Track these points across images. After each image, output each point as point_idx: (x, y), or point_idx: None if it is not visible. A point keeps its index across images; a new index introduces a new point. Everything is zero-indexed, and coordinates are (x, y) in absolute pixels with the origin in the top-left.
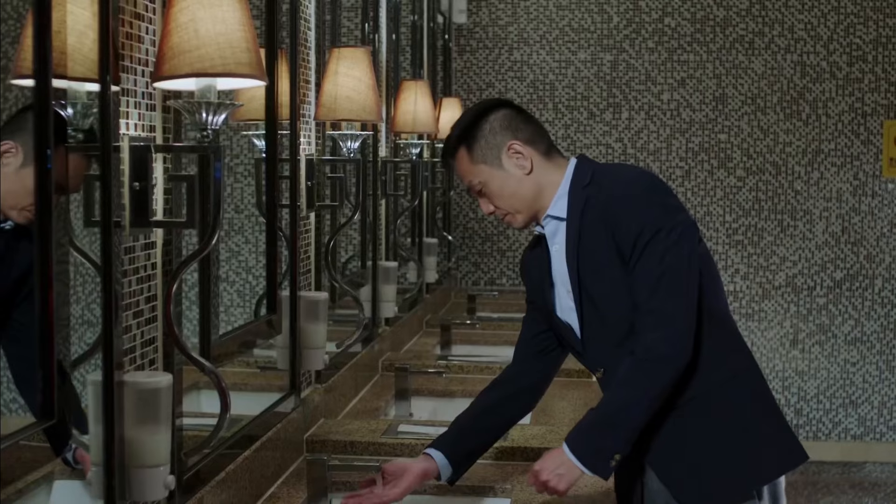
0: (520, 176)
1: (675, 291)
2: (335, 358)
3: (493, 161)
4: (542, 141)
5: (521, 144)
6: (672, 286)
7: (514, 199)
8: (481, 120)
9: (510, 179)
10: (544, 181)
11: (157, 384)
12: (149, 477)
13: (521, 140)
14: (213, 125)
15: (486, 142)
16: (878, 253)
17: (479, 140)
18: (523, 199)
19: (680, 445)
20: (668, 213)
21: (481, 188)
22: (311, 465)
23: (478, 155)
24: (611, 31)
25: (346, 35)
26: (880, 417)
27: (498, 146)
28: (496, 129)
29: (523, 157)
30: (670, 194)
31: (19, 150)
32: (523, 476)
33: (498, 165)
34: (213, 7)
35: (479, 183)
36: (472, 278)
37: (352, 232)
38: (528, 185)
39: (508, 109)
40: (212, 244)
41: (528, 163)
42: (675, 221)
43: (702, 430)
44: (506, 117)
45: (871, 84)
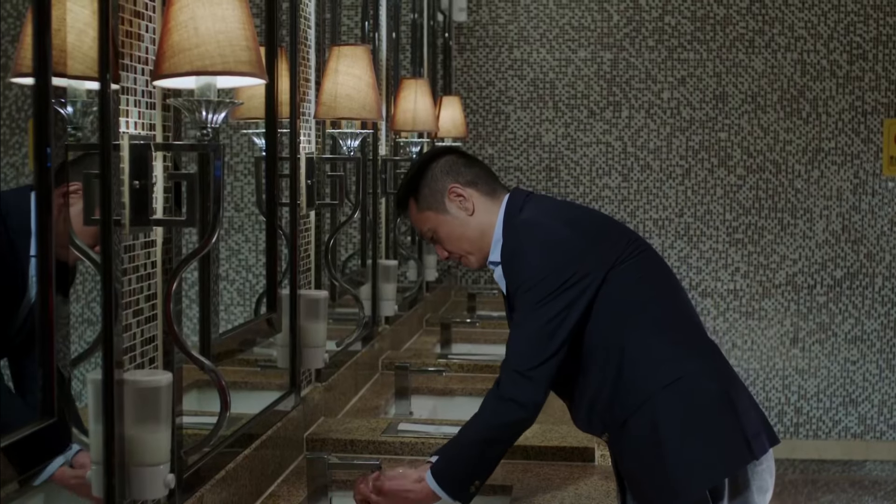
0: (463, 218)
1: (535, 347)
2: (335, 356)
3: (438, 206)
4: (484, 182)
5: (461, 187)
6: (533, 341)
7: (462, 241)
8: (425, 169)
9: (455, 222)
10: (487, 221)
11: (157, 383)
12: (149, 475)
13: (462, 183)
14: (212, 123)
15: (429, 189)
16: (879, 251)
17: (423, 188)
18: (471, 241)
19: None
20: (545, 269)
21: (432, 235)
22: (311, 464)
23: (423, 203)
24: (611, 30)
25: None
26: (880, 416)
27: (440, 191)
28: (437, 175)
29: (464, 199)
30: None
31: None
32: (522, 475)
33: (442, 210)
34: (212, 5)
35: (429, 230)
36: (472, 277)
37: (352, 230)
38: (473, 227)
39: (451, 156)
40: (212, 243)
41: (470, 204)
42: (552, 276)
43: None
44: (447, 163)
45: (871, 82)
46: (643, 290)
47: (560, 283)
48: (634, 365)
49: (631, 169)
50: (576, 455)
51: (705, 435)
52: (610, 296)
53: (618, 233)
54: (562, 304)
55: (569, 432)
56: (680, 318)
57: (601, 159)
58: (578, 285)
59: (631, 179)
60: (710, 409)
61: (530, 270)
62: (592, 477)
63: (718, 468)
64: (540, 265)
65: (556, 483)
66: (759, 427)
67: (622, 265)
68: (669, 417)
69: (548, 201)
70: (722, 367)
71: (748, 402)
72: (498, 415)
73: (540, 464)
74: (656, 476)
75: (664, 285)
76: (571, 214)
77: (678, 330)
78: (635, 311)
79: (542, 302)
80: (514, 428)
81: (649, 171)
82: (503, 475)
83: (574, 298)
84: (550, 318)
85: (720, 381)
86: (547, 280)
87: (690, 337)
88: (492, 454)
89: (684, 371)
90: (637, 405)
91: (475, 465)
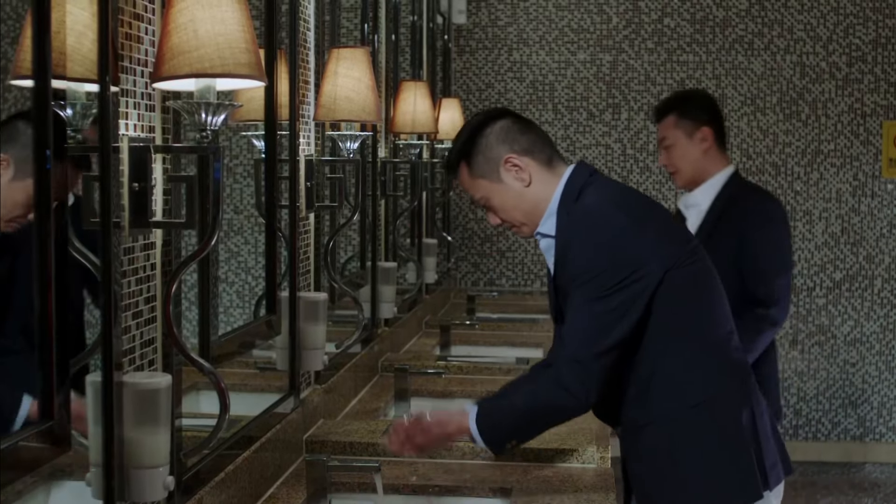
0: (519, 189)
1: (594, 338)
2: (334, 359)
3: (492, 175)
4: (542, 150)
5: (517, 157)
6: (592, 332)
7: (516, 211)
8: (478, 134)
9: (510, 193)
10: (543, 194)
11: (156, 385)
12: (148, 477)
13: (518, 152)
14: (212, 126)
15: (483, 157)
16: (878, 253)
17: (477, 155)
18: (525, 212)
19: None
20: (610, 260)
21: (485, 203)
22: (311, 466)
23: (476, 170)
24: (610, 32)
25: (345, 35)
26: (880, 418)
27: (495, 160)
28: (492, 143)
29: (521, 169)
30: (626, 234)
31: (10, 162)
32: (521, 477)
33: (497, 179)
34: (212, 7)
35: (482, 197)
36: (471, 279)
37: (351, 232)
38: (529, 198)
39: (506, 120)
40: (211, 245)
41: (527, 175)
42: (617, 268)
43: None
44: (502, 129)
45: (870, 84)
46: (691, 299)
47: (620, 279)
48: (666, 376)
49: (630, 171)
50: (575, 457)
51: (723, 463)
52: (659, 298)
53: (680, 234)
54: (620, 300)
55: (568, 434)
56: (719, 333)
57: (600, 161)
58: (639, 283)
59: (630, 181)
60: (733, 438)
61: (589, 262)
62: (591, 479)
63: (731, 499)
64: (599, 258)
65: (556, 485)
66: (776, 457)
67: (678, 269)
68: (690, 439)
69: (611, 186)
70: (751, 391)
71: (770, 429)
72: (551, 398)
73: (539, 465)
74: (666, 491)
75: (711, 298)
76: (636, 205)
77: (715, 346)
78: (679, 321)
79: (601, 296)
80: (564, 414)
81: (648, 174)
82: (502, 477)
83: (634, 295)
84: (608, 311)
85: (747, 408)
86: (605, 274)
87: (726, 355)
88: (535, 428)
89: (714, 394)
90: (659, 417)
91: (516, 430)
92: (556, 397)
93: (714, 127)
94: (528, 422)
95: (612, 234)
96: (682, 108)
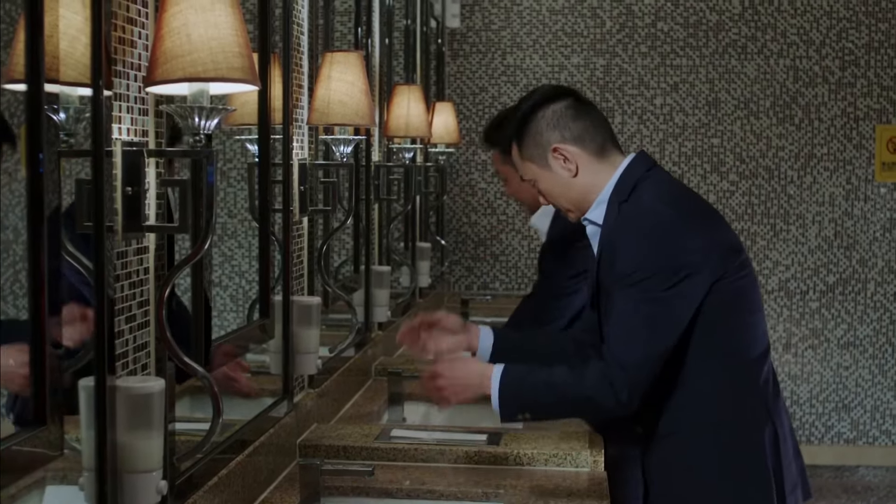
0: (566, 178)
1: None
2: (328, 363)
3: (540, 161)
4: (593, 139)
5: (566, 146)
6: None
7: (562, 199)
8: (530, 118)
9: (556, 180)
10: (591, 183)
11: (149, 389)
12: (141, 482)
13: (568, 140)
14: (205, 130)
15: (533, 141)
16: (871, 257)
17: (527, 138)
18: (571, 200)
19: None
20: (664, 261)
21: (533, 185)
22: (304, 470)
23: (526, 152)
24: (604, 36)
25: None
26: (873, 421)
27: (544, 147)
28: (543, 128)
29: (568, 160)
30: (679, 235)
31: None
32: (517, 481)
33: (545, 165)
34: (205, 12)
35: (531, 179)
36: (465, 283)
37: (345, 236)
38: (576, 188)
39: (561, 103)
40: (204, 249)
41: (574, 166)
42: (670, 270)
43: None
44: (555, 114)
45: (863, 88)
46: (731, 317)
47: (671, 283)
48: (694, 391)
49: None
50: (569, 461)
51: (740, 482)
52: (702, 311)
53: (734, 242)
54: (669, 304)
55: (562, 439)
56: (753, 354)
57: None
58: (690, 289)
59: None
60: (753, 458)
61: (639, 263)
62: (585, 484)
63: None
64: (649, 259)
65: (549, 489)
66: (797, 480)
67: (725, 281)
68: (712, 457)
69: (667, 184)
70: (778, 411)
71: (793, 451)
72: (596, 393)
73: (532, 470)
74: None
75: (751, 318)
76: (691, 206)
77: (748, 367)
78: (715, 338)
79: (650, 299)
80: (600, 413)
81: None
82: (495, 481)
83: (683, 301)
84: (657, 315)
85: (770, 428)
86: (656, 276)
87: (757, 375)
88: (561, 411)
89: (740, 413)
90: (684, 430)
91: (539, 406)
92: (602, 395)
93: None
94: (559, 403)
95: (662, 233)
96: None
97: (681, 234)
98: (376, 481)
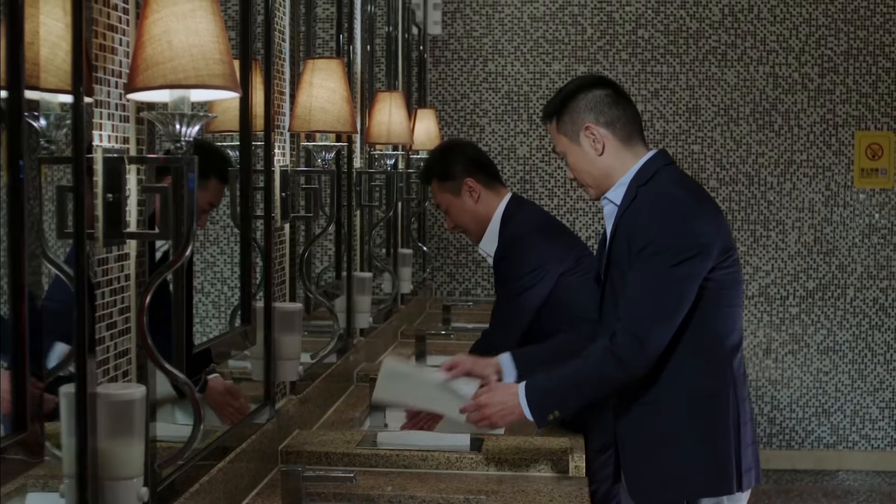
0: (592, 156)
1: (653, 311)
2: (310, 369)
3: (573, 136)
4: (623, 127)
5: (597, 127)
6: (651, 306)
7: (585, 174)
8: (572, 97)
9: (583, 156)
10: (614, 165)
11: (130, 396)
12: (122, 489)
13: (601, 123)
14: (186, 136)
15: (569, 118)
16: (850, 263)
17: (566, 115)
18: (594, 177)
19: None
20: (676, 237)
21: (562, 156)
22: (286, 476)
23: (562, 127)
24: (585, 43)
25: (320, 46)
26: (853, 426)
27: (578, 124)
28: (581, 108)
29: (597, 139)
30: (691, 216)
31: None
32: (499, 486)
33: (576, 141)
34: (186, 19)
35: (562, 152)
36: (446, 289)
37: (326, 243)
38: (600, 166)
39: (602, 91)
40: (185, 255)
41: (601, 146)
42: (681, 246)
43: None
44: (594, 98)
45: (842, 95)
46: (719, 302)
47: (683, 257)
48: (679, 364)
49: None
50: (550, 466)
51: (708, 451)
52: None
53: (730, 240)
54: (681, 276)
55: (543, 443)
56: (732, 342)
57: None
58: (699, 264)
59: None
60: (721, 433)
61: (653, 237)
62: (566, 488)
63: (706, 485)
64: (664, 234)
65: (530, 494)
66: (751, 463)
67: (718, 270)
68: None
69: (683, 175)
70: (742, 399)
71: (751, 437)
72: (602, 367)
73: (514, 475)
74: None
75: (732, 308)
76: (700, 195)
77: (727, 351)
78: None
79: (663, 271)
80: (612, 384)
81: None
82: (477, 486)
83: (693, 274)
84: (669, 286)
85: (735, 413)
86: (670, 251)
87: (731, 361)
88: (580, 396)
89: (715, 392)
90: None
91: (561, 399)
92: (607, 366)
93: (475, 176)
94: (575, 389)
95: (678, 213)
96: (438, 173)
97: (694, 217)
98: (358, 487)
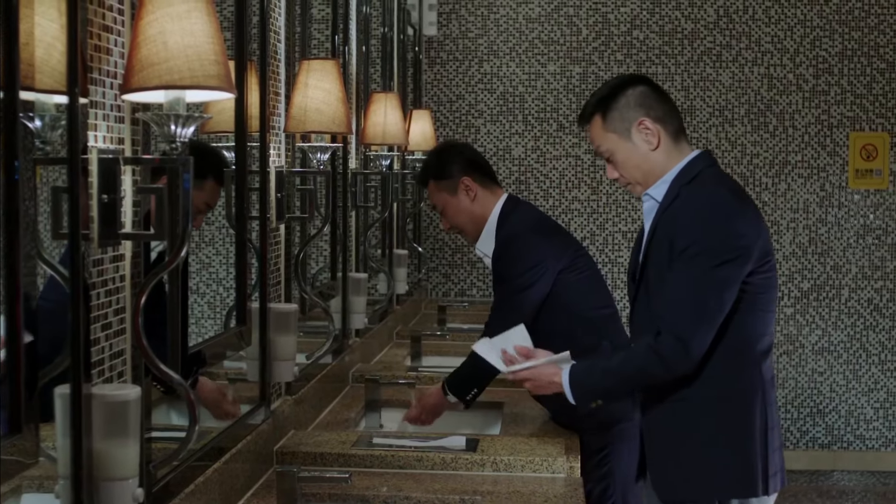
0: (645, 151)
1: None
2: (305, 369)
3: (623, 132)
4: (672, 122)
5: (651, 122)
6: (693, 307)
7: (636, 170)
8: (619, 92)
9: (636, 152)
10: (662, 161)
11: (125, 397)
12: (117, 489)
13: (653, 118)
14: (181, 137)
15: (619, 114)
16: (845, 263)
17: (614, 111)
18: (644, 173)
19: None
20: (719, 239)
21: (609, 156)
22: (281, 477)
23: (610, 124)
24: (580, 44)
25: (316, 47)
26: (847, 426)
27: (630, 120)
28: (631, 103)
29: (652, 133)
30: (734, 218)
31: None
32: (495, 486)
33: (627, 137)
34: (181, 20)
35: (607, 150)
36: (442, 289)
37: (322, 244)
38: (651, 161)
39: (646, 86)
40: (180, 256)
41: (656, 139)
42: (724, 248)
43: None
44: (642, 94)
45: (837, 96)
46: (755, 305)
47: (723, 260)
48: (712, 366)
49: (600, 182)
50: (545, 467)
51: (736, 452)
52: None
53: (769, 245)
54: (723, 276)
55: (538, 444)
56: (763, 346)
57: (570, 172)
58: (742, 266)
59: (600, 192)
60: (749, 436)
61: (696, 237)
62: (561, 489)
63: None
64: (708, 233)
65: (525, 495)
66: (778, 468)
67: (756, 274)
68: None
69: (726, 177)
70: (772, 403)
71: (778, 441)
72: (646, 364)
73: (509, 476)
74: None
75: (765, 313)
76: (749, 202)
77: (758, 355)
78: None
79: (706, 271)
80: (653, 381)
81: (618, 185)
82: (472, 487)
83: (736, 275)
84: (711, 286)
85: (763, 418)
86: (713, 251)
87: (761, 366)
88: (623, 389)
89: (744, 395)
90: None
91: (604, 390)
92: (651, 364)
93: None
94: (619, 382)
95: (721, 214)
96: (435, 173)
97: (737, 219)
98: (353, 488)
